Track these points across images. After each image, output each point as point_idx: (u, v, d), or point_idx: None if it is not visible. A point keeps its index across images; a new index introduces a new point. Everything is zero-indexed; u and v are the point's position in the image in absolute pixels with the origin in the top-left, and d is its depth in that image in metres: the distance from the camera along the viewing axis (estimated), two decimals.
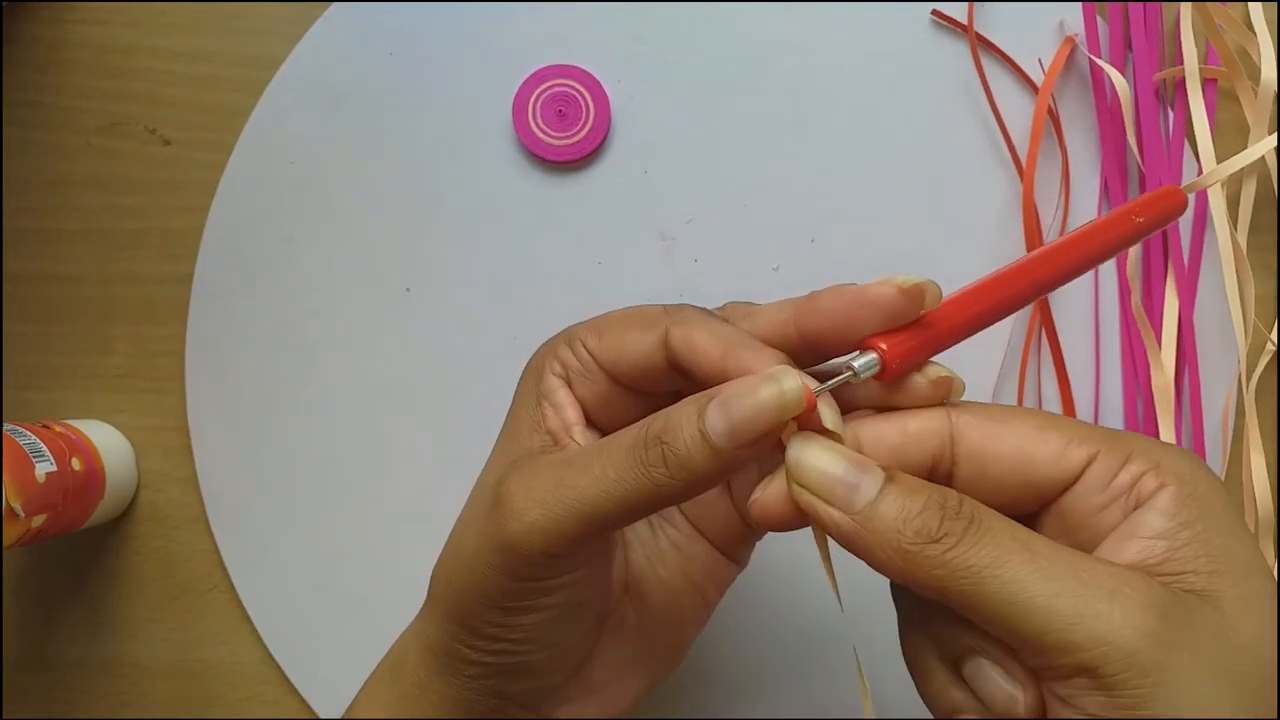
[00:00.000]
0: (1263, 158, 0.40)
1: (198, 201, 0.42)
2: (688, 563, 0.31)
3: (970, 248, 0.41)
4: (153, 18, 0.43)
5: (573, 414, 0.29)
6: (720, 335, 0.26)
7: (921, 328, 0.26)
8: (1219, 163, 0.40)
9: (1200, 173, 0.40)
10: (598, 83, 0.41)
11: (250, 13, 0.43)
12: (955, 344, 0.26)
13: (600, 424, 0.30)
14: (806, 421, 0.25)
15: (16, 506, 0.35)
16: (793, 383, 0.24)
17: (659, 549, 0.31)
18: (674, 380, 0.28)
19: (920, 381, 0.26)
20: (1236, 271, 0.40)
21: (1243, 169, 0.40)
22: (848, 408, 0.27)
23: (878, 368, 0.25)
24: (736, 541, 0.31)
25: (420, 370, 0.42)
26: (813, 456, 0.25)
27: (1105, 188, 0.41)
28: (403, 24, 0.42)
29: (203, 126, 0.43)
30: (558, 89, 0.41)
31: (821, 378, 0.26)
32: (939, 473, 0.26)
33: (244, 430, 0.42)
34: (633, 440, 0.25)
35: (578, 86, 0.41)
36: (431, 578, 0.30)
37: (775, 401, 0.24)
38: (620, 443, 0.26)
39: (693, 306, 0.29)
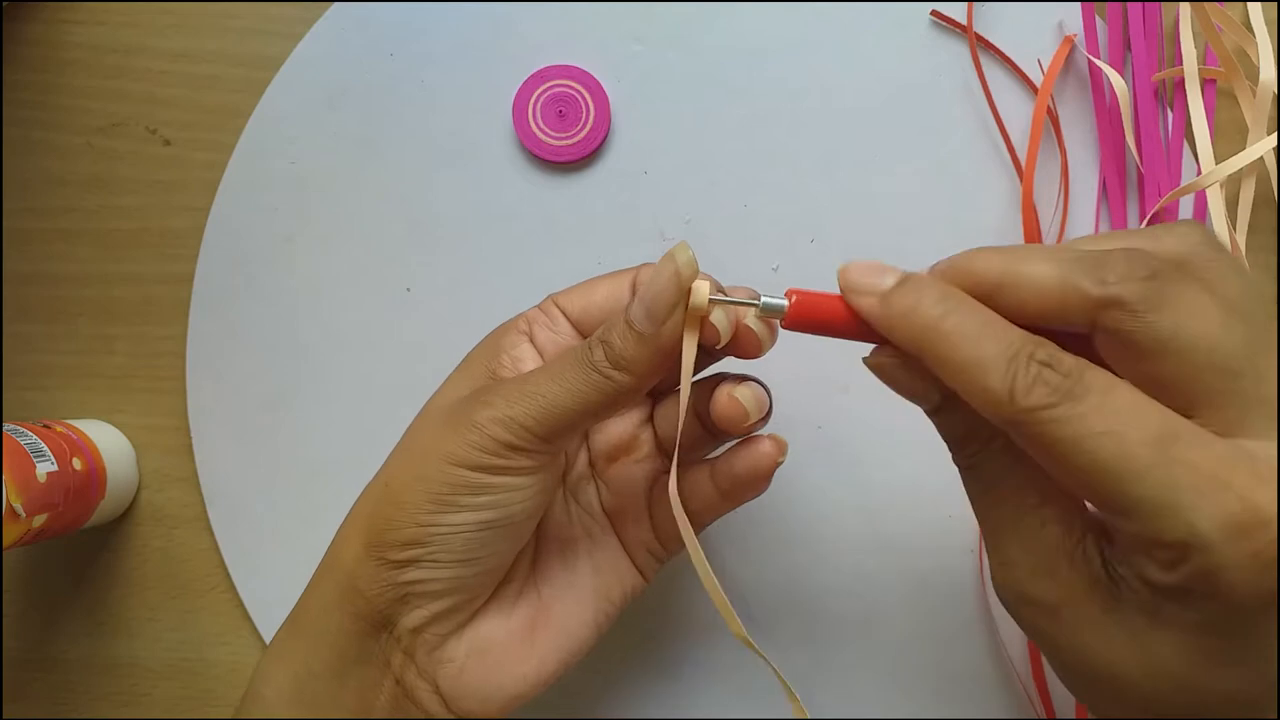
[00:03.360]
0: (1261, 158, 0.40)
1: (198, 201, 0.42)
2: (596, 551, 0.34)
3: (970, 247, 0.41)
4: (153, 18, 0.43)
5: (531, 366, 0.32)
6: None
7: (834, 303, 0.27)
8: (1218, 163, 0.40)
9: (1199, 173, 0.40)
10: (598, 83, 0.41)
11: (250, 13, 0.43)
12: (853, 335, 0.27)
13: None
14: (706, 333, 0.29)
15: (17, 506, 0.35)
16: (685, 255, 0.27)
17: (572, 533, 0.34)
18: None
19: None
20: None
21: (1241, 169, 0.40)
22: None
23: (784, 307, 0.27)
24: (644, 549, 0.34)
25: (420, 370, 0.42)
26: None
27: (1104, 188, 0.41)
28: (403, 24, 0.42)
29: (203, 127, 0.43)
30: (558, 89, 0.41)
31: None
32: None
33: (244, 430, 0.42)
34: (582, 346, 0.29)
35: (578, 87, 0.41)
36: (357, 502, 0.32)
37: (673, 272, 0.27)
38: (572, 351, 0.29)
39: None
